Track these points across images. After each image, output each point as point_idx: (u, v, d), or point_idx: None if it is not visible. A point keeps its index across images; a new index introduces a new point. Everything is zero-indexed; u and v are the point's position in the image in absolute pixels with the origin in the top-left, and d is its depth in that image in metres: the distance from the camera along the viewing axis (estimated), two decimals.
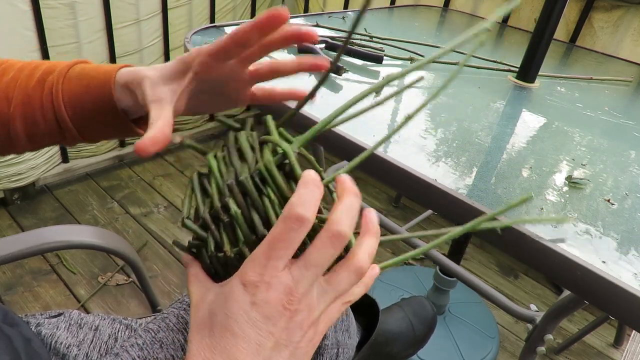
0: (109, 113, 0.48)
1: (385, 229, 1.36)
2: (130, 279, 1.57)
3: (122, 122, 0.49)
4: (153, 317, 0.64)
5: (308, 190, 0.31)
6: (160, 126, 0.41)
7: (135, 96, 0.46)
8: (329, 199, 0.40)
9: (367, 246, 0.35)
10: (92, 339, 0.63)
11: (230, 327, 0.30)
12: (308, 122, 0.72)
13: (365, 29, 1.19)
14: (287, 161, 0.37)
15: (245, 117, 0.43)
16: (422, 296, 1.04)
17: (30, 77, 0.49)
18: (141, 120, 0.51)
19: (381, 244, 0.40)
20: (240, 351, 0.30)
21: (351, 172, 0.40)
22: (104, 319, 0.67)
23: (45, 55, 1.61)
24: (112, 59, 1.81)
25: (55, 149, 1.84)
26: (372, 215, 0.37)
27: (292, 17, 1.27)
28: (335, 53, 0.40)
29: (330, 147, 0.71)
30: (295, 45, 0.92)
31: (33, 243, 0.68)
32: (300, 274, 0.31)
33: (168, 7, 1.92)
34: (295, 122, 0.74)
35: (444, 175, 0.63)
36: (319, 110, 0.74)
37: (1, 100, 0.49)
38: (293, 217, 0.30)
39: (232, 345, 0.30)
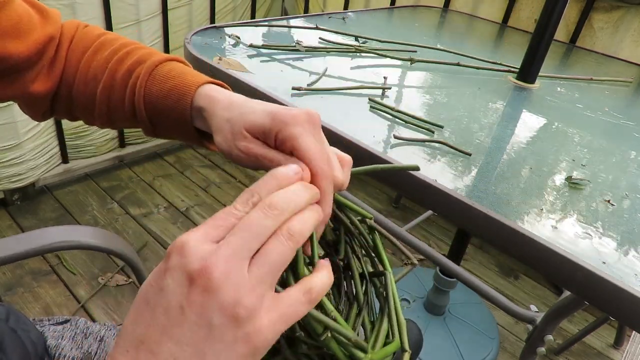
0: (182, 122, 0.47)
1: (385, 229, 1.36)
2: (130, 280, 1.57)
3: (193, 135, 0.49)
4: None
5: (278, 173, 0.32)
6: None
7: (207, 122, 0.45)
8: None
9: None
10: (97, 351, 0.63)
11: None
12: None
13: (357, 39, 1.20)
14: None
15: None
16: (409, 319, 1.06)
17: (121, 63, 0.50)
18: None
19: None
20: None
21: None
22: (110, 329, 0.67)
23: None
24: None
25: (55, 149, 1.84)
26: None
27: (292, 18, 1.27)
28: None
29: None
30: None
31: (33, 244, 0.68)
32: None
33: (168, 8, 1.92)
34: None
35: (444, 176, 0.63)
36: None
37: (91, 79, 0.50)
38: (255, 193, 0.30)
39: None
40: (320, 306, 0.31)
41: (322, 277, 0.31)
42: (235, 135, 0.40)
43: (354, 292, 0.42)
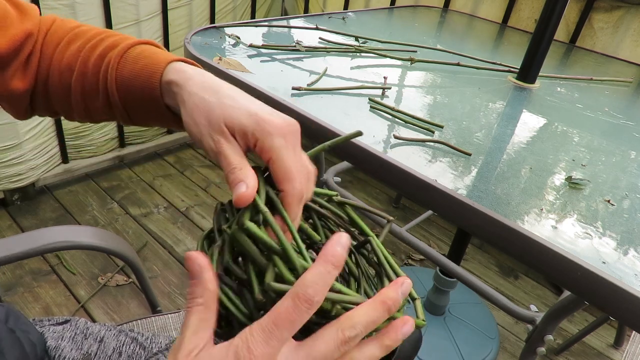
0: (152, 100, 0.46)
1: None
2: (130, 280, 1.57)
3: (165, 113, 0.47)
4: (167, 344, 0.64)
5: (324, 271, 0.29)
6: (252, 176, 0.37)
7: (176, 96, 0.44)
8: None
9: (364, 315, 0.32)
10: (97, 352, 0.63)
11: None
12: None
13: (357, 39, 1.20)
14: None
15: None
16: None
17: (93, 50, 0.49)
18: None
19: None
20: None
21: (352, 172, 0.40)
22: (110, 330, 0.67)
23: None
24: None
25: (55, 149, 1.84)
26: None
27: (292, 18, 1.27)
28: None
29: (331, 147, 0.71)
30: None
31: (33, 244, 0.68)
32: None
33: (168, 8, 1.92)
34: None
35: (444, 176, 0.63)
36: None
37: (65, 69, 0.49)
38: (302, 297, 0.28)
39: None
40: None
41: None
42: (212, 124, 0.39)
43: (347, 270, 0.42)
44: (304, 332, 0.31)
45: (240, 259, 0.36)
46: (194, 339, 0.30)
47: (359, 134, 0.43)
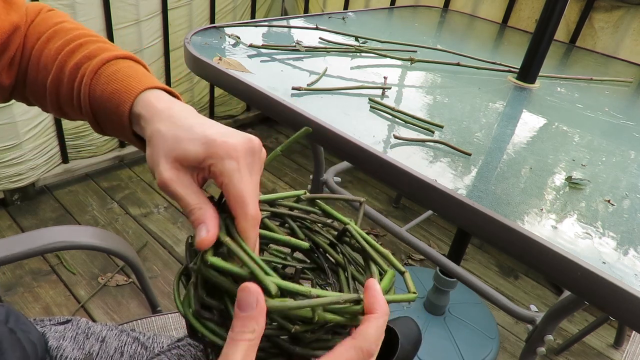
0: (122, 127, 0.45)
1: (385, 229, 1.36)
2: (130, 280, 1.57)
3: (135, 141, 0.46)
4: (169, 345, 0.64)
5: (383, 323, 0.32)
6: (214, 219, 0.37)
7: (143, 131, 0.42)
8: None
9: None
10: (98, 352, 0.62)
11: None
12: (301, 119, 0.72)
13: (357, 39, 1.19)
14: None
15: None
16: (408, 316, 1.07)
17: (71, 56, 0.47)
18: None
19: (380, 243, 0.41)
20: None
21: (352, 172, 0.41)
22: (112, 330, 0.67)
23: None
24: None
25: (55, 149, 1.84)
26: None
27: (292, 18, 1.27)
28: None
29: (330, 147, 0.71)
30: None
31: (33, 244, 0.68)
32: None
33: (168, 8, 1.92)
34: (290, 120, 0.74)
35: (444, 176, 0.63)
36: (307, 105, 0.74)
37: (42, 68, 0.49)
38: (367, 352, 0.31)
39: None
40: (295, 294, 0.32)
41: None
42: (166, 158, 0.37)
43: (335, 262, 0.43)
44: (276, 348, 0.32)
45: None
46: None
47: (308, 131, 0.43)
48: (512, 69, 1.09)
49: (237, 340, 0.29)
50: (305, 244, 0.41)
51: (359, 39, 1.15)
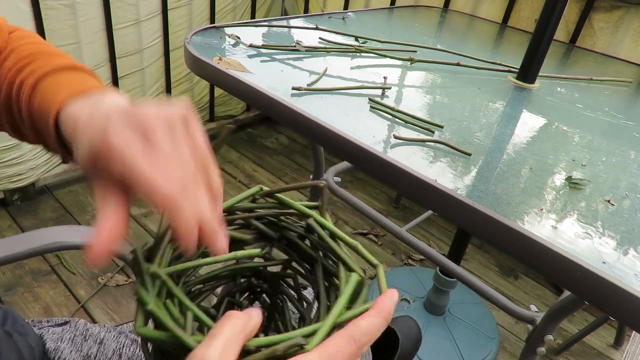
0: (53, 141, 0.43)
1: (385, 229, 1.36)
2: (130, 280, 1.57)
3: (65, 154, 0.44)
4: None
5: (379, 323, 0.32)
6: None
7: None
8: None
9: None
10: (97, 354, 0.62)
11: None
12: (300, 118, 0.72)
13: (357, 39, 1.19)
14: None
15: None
16: (408, 316, 1.06)
17: (18, 73, 0.46)
18: None
19: (380, 244, 0.40)
20: None
21: (352, 172, 0.40)
22: (110, 331, 0.66)
23: None
24: (112, 59, 1.81)
25: None
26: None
27: (292, 18, 1.27)
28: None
29: (330, 147, 0.71)
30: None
31: (33, 244, 0.68)
32: None
33: (168, 8, 1.92)
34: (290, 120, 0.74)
35: (444, 176, 0.63)
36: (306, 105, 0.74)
37: None
38: (359, 342, 0.30)
39: None
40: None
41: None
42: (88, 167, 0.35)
43: (307, 255, 0.41)
44: None
45: None
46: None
47: (230, 127, 0.41)
48: (512, 69, 1.09)
49: None
50: (256, 251, 0.40)
51: (359, 39, 1.15)
